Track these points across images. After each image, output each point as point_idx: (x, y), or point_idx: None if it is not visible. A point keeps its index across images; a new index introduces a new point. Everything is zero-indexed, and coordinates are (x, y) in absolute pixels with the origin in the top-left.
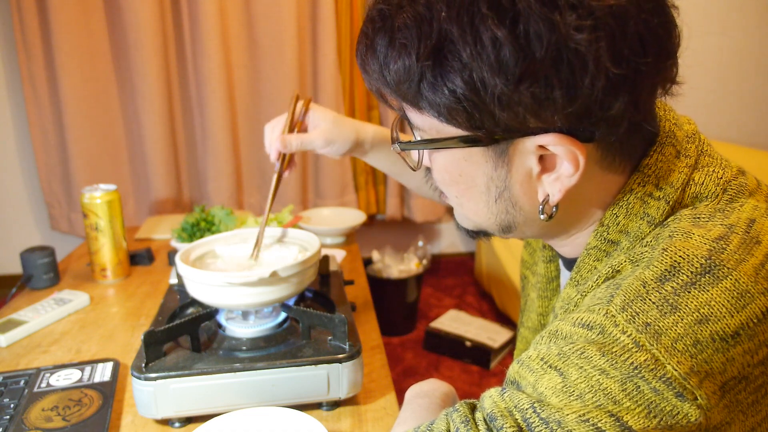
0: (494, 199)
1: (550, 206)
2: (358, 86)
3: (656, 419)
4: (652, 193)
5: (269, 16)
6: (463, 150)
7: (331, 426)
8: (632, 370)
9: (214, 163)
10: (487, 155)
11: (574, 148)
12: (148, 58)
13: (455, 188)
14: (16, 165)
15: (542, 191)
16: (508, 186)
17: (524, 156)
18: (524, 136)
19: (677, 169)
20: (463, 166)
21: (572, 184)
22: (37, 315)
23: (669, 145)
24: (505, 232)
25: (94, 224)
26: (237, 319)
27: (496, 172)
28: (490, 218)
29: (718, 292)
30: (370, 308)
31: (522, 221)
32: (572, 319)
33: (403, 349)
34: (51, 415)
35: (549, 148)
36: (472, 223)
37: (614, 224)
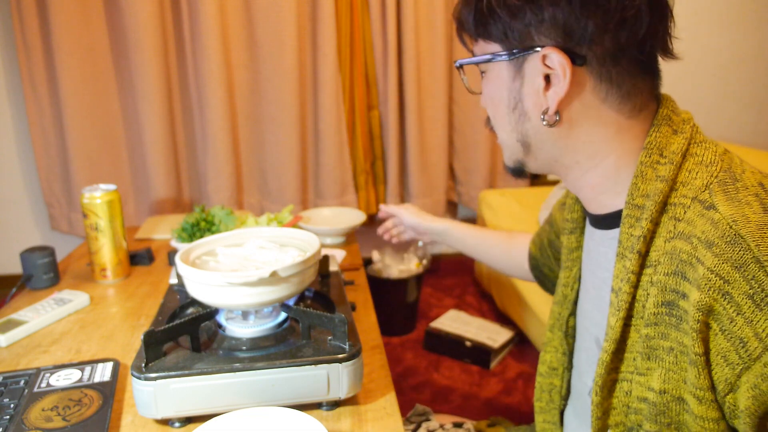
0: (511, 109)
1: (551, 115)
2: (358, 86)
3: None
4: (659, 161)
5: (269, 16)
6: (496, 66)
7: (331, 426)
8: None
9: (214, 163)
10: (509, 70)
11: (562, 57)
12: (148, 58)
13: (492, 108)
14: (16, 165)
15: (545, 104)
16: (521, 97)
17: (534, 73)
18: (532, 52)
19: (675, 141)
20: (496, 84)
21: (563, 93)
22: (37, 315)
23: (665, 125)
24: (526, 151)
25: (94, 224)
26: (237, 319)
27: (514, 83)
28: (512, 132)
29: None
30: (370, 308)
31: (533, 133)
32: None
33: (403, 349)
34: (51, 415)
35: (548, 62)
36: (507, 151)
37: (636, 191)
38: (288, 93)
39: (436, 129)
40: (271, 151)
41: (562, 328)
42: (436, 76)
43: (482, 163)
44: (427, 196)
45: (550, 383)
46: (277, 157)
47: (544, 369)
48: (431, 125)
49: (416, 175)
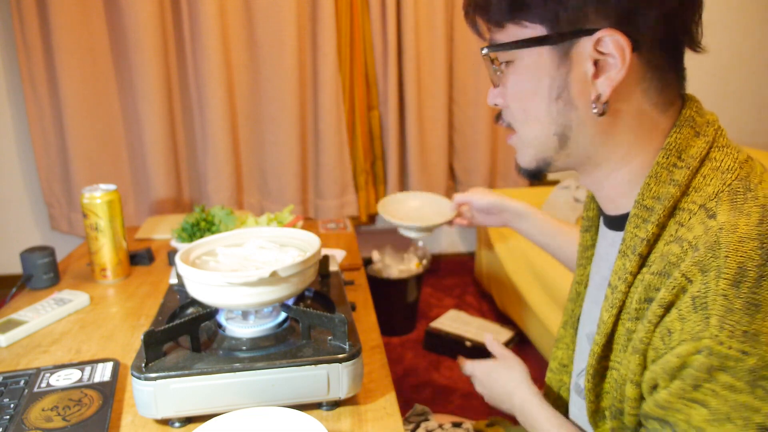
0: (555, 98)
1: (601, 103)
2: (358, 86)
3: None
4: (676, 164)
5: (269, 16)
6: (534, 52)
7: (331, 426)
8: (750, 375)
9: (214, 163)
10: (553, 55)
11: (621, 39)
12: (148, 58)
13: (523, 98)
14: (16, 165)
15: (594, 92)
16: (567, 85)
17: (583, 59)
18: (584, 36)
19: (696, 145)
20: (532, 71)
21: (620, 78)
22: (37, 315)
23: (688, 127)
24: (561, 146)
25: (94, 224)
26: (237, 319)
27: (559, 71)
28: (550, 124)
29: None
30: (370, 308)
31: (576, 123)
32: (681, 351)
33: (403, 349)
34: (51, 415)
35: (602, 47)
36: (533, 149)
37: (648, 191)
38: (288, 93)
39: (436, 129)
40: (271, 151)
41: (574, 325)
42: (436, 76)
43: (482, 163)
44: None
45: (559, 380)
46: (277, 157)
47: (555, 365)
48: (431, 125)
49: (416, 175)
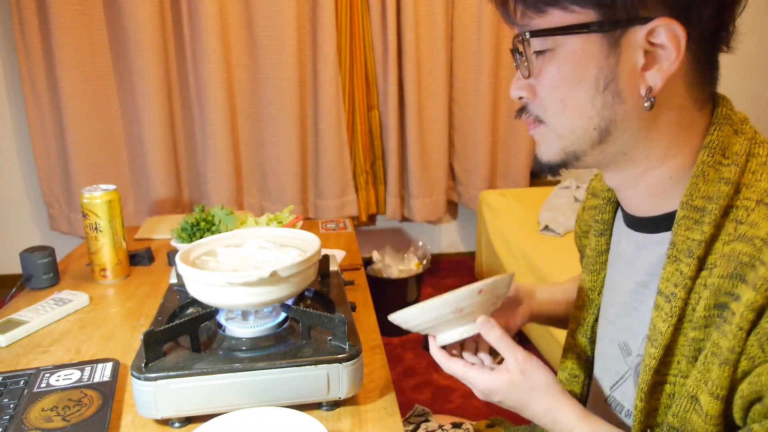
0: (601, 89)
1: (652, 95)
2: (358, 86)
3: None
4: (722, 161)
5: (269, 16)
6: (580, 40)
7: (331, 426)
8: None
9: (214, 163)
10: (602, 44)
11: (679, 29)
12: (148, 58)
13: (563, 88)
14: (16, 165)
15: (644, 85)
16: (616, 76)
17: (633, 49)
18: (637, 24)
19: (738, 142)
20: (579, 59)
21: (672, 70)
22: (37, 315)
23: (726, 125)
24: (600, 139)
25: (94, 224)
26: (237, 319)
27: (608, 60)
28: (592, 117)
29: None
30: (370, 308)
31: (621, 117)
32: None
33: (403, 349)
34: (51, 415)
35: (654, 37)
36: (564, 142)
37: (697, 191)
38: (288, 93)
39: (436, 129)
40: (271, 151)
41: (587, 333)
42: (436, 76)
43: (482, 163)
44: (427, 196)
45: (570, 391)
46: (277, 157)
47: (564, 376)
48: (431, 125)
49: (416, 175)
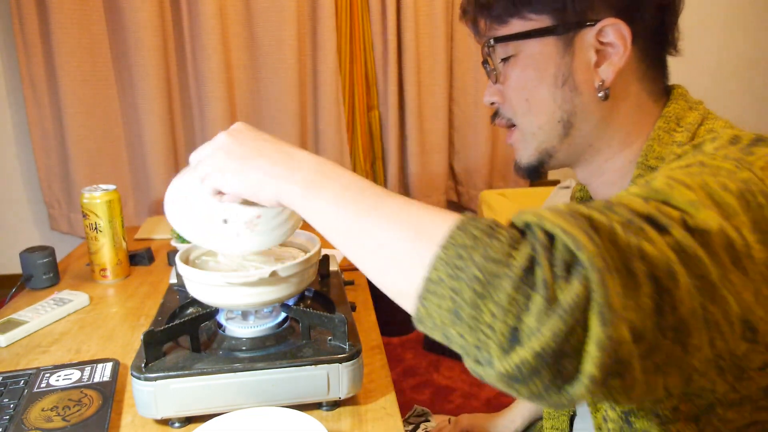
0: (560, 85)
1: (605, 88)
2: (358, 86)
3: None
4: (676, 129)
5: (269, 17)
6: (538, 44)
7: (331, 426)
8: (743, 184)
9: None
10: (557, 45)
11: (624, 28)
12: (148, 58)
13: (527, 88)
14: (16, 165)
15: (598, 78)
16: (572, 72)
17: (585, 48)
18: (587, 26)
19: (691, 115)
20: (538, 60)
21: (621, 65)
22: (37, 315)
23: (682, 100)
24: (565, 132)
25: (94, 224)
26: (237, 319)
27: (564, 59)
28: (555, 111)
29: None
30: (370, 308)
31: (580, 109)
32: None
33: (403, 349)
34: (51, 415)
35: (603, 36)
36: (536, 141)
37: (651, 152)
38: (288, 93)
39: (436, 129)
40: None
41: None
42: (436, 76)
43: (482, 163)
44: (427, 196)
45: None
46: None
47: None
48: (431, 125)
49: (416, 175)
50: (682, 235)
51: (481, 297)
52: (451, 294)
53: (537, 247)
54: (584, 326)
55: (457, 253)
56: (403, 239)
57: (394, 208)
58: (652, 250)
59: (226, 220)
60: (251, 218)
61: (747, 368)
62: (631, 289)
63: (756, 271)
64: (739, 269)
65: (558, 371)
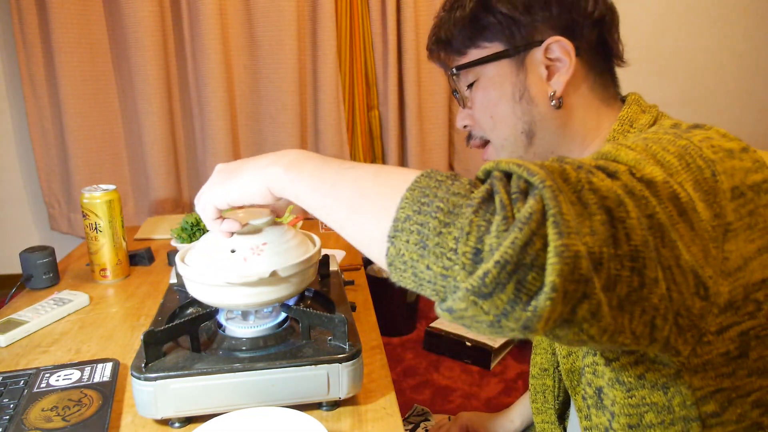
0: (518, 99)
1: (557, 98)
2: (358, 86)
3: (701, 193)
4: (629, 130)
5: (269, 16)
6: (494, 67)
7: (331, 426)
8: (682, 149)
9: (214, 163)
10: (511, 66)
11: (566, 43)
12: (148, 58)
13: (490, 107)
14: (16, 165)
15: (550, 90)
16: (527, 87)
17: (536, 65)
18: (535, 46)
19: (643, 117)
20: (496, 81)
21: (569, 75)
22: (37, 315)
23: (635, 105)
24: (529, 141)
25: (94, 224)
26: (237, 319)
27: (518, 77)
28: (516, 123)
29: (711, 131)
30: (370, 308)
31: (539, 118)
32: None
33: (403, 349)
34: (51, 415)
35: (550, 53)
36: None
37: None
38: (288, 93)
39: (436, 129)
40: (271, 151)
41: None
42: (436, 76)
43: (482, 163)
44: None
45: (543, 384)
46: None
47: (536, 371)
48: (431, 125)
49: None
50: (629, 179)
51: (445, 225)
52: (418, 227)
53: (495, 182)
54: (542, 238)
55: (422, 192)
56: (376, 194)
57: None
58: (602, 185)
59: (234, 250)
60: (257, 244)
61: (706, 331)
62: (585, 217)
63: (702, 228)
64: (685, 222)
65: (520, 283)
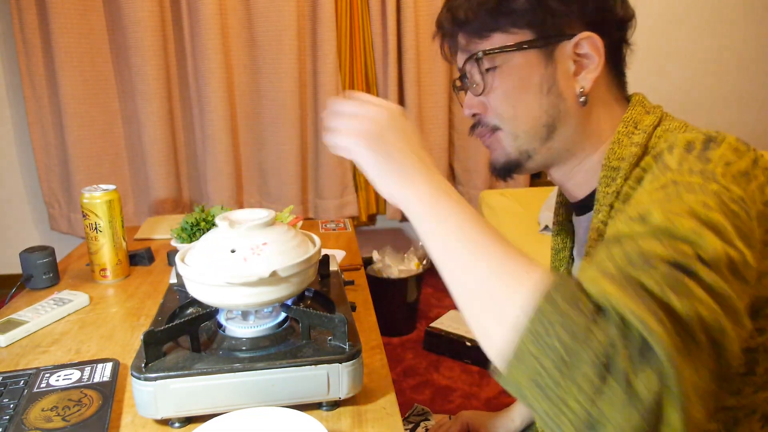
0: (545, 92)
1: (585, 94)
2: (358, 86)
3: (744, 239)
4: (634, 132)
5: (269, 16)
6: (521, 55)
7: (331, 426)
8: (716, 197)
9: (214, 163)
10: (540, 57)
11: (597, 41)
12: (148, 58)
13: (514, 96)
14: (16, 165)
15: (578, 86)
16: (556, 81)
17: (564, 59)
18: (565, 39)
19: (647, 119)
20: (523, 70)
21: (597, 73)
22: (37, 315)
23: (639, 106)
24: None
25: (94, 224)
26: (237, 319)
27: (547, 70)
28: (540, 116)
29: (723, 148)
30: (370, 308)
31: (563, 114)
32: (646, 188)
33: (403, 349)
34: (51, 415)
35: (579, 49)
36: (518, 142)
37: (613, 154)
38: (288, 93)
39: (436, 129)
40: (271, 151)
41: None
42: (436, 76)
43: (482, 163)
44: None
45: None
46: (277, 157)
47: None
48: (431, 125)
49: None
50: (708, 276)
51: (562, 373)
52: (535, 365)
53: (613, 331)
54: (660, 416)
55: (542, 325)
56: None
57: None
58: (706, 313)
59: (234, 250)
60: (257, 244)
61: None
62: (698, 358)
63: (751, 276)
64: (740, 280)
65: None
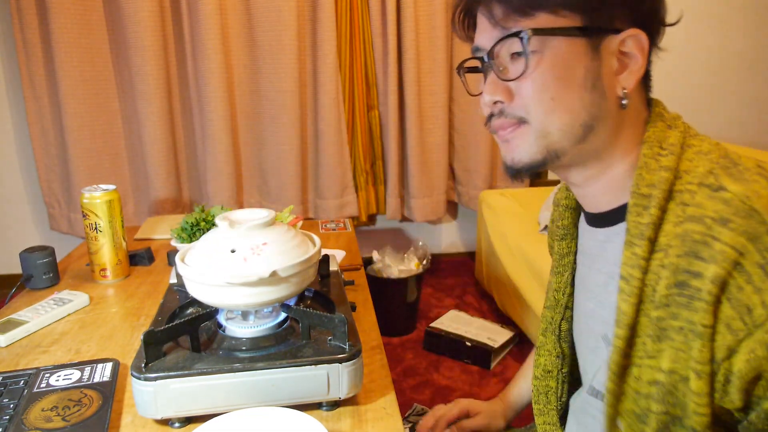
0: (589, 87)
1: (629, 94)
2: (358, 86)
3: None
4: (660, 152)
5: (269, 16)
6: (566, 42)
7: (331, 426)
8: None
9: (214, 163)
10: (586, 47)
11: (644, 40)
12: (148, 58)
13: (554, 87)
14: (16, 165)
15: (620, 86)
16: (600, 76)
17: (609, 54)
18: (612, 33)
19: (672, 135)
20: (568, 59)
21: (641, 74)
22: (37, 315)
23: (659, 121)
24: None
25: (94, 224)
26: (237, 319)
27: (593, 63)
28: (580, 113)
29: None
30: (370, 308)
31: (605, 114)
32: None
33: (403, 349)
34: (51, 415)
35: (624, 46)
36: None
37: (642, 180)
38: (288, 93)
39: (436, 129)
40: (271, 151)
41: (555, 332)
42: (436, 76)
43: (482, 163)
44: (427, 196)
45: (546, 385)
46: (277, 157)
47: (539, 372)
48: (431, 125)
49: (416, 175)
50: None
51: None
52: None
53: None
54: None
55: None
56: None
57: None
58: None
59: (234, 250)
60: (257, 244)
61: None
62: None
63: None
64: None
65: None
